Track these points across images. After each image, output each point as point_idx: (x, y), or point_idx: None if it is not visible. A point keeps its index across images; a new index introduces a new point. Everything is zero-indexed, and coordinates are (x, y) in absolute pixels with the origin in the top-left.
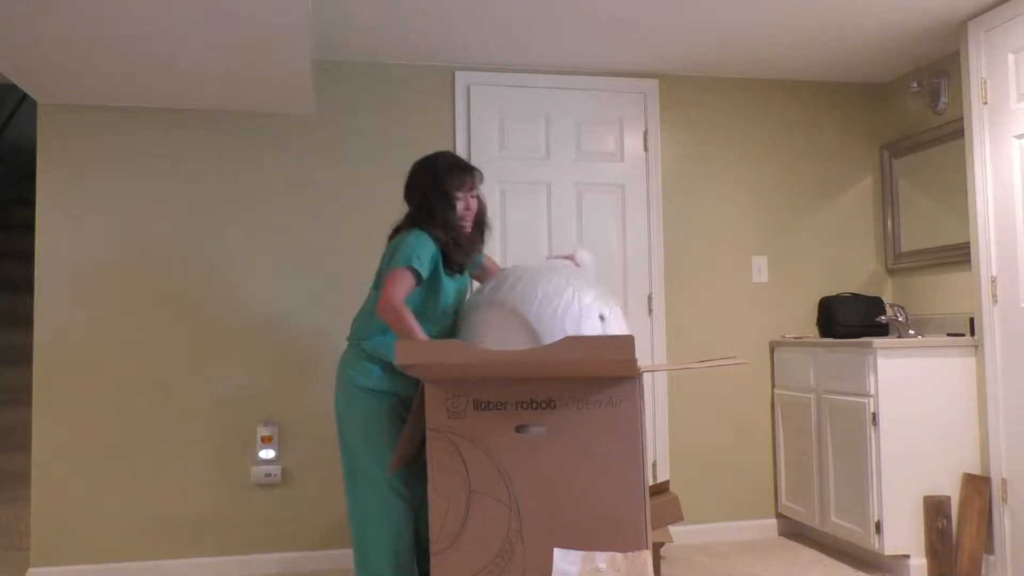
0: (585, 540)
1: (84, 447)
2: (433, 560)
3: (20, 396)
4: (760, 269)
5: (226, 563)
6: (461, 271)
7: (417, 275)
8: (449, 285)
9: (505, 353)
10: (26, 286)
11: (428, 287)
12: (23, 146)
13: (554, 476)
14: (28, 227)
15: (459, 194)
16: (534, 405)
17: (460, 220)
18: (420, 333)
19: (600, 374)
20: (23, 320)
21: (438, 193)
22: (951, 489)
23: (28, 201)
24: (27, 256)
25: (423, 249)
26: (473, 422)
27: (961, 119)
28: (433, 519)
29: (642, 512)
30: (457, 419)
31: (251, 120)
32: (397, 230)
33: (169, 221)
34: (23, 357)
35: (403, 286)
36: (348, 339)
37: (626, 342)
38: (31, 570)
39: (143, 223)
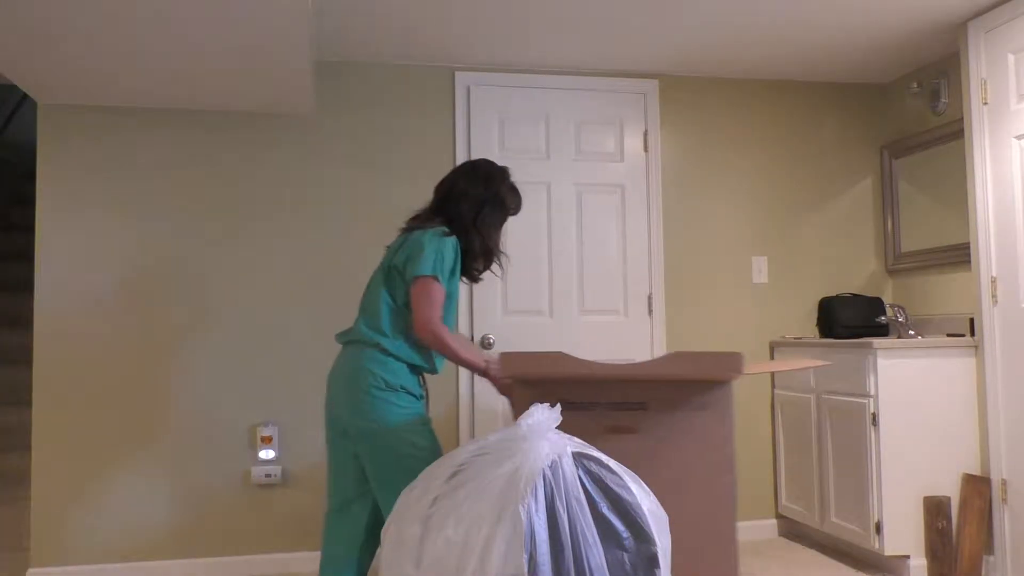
0: (675, 543)
1: (84, 447)
2: None
3: (20, 396)
4: (760, 269)
5: (226, 563)
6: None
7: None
8: (457, 293)
9: (610, 367)
10: (26, 286)
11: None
12: (23, 146)
13: (643, 477)
14: (28, 227)
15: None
16: (625, 407)
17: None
18: (468, 352)
19: (695, 378)
20: (23, 320)
21: (499, 209)
22: (951, 489)
23: (28, 201)
24: (27, 256)
25: (453, 260)
26: (563, 422)
27: (961, 119)
28: None
29: (732, 516)
30: None
31: (251, 120)
32: (417, 219)
33: (169, 221)
34: (23, 357)
35: (437, 302)
36: (359, 340)
37: (736, 359)
38: (31, 570)
39: (143, 223)
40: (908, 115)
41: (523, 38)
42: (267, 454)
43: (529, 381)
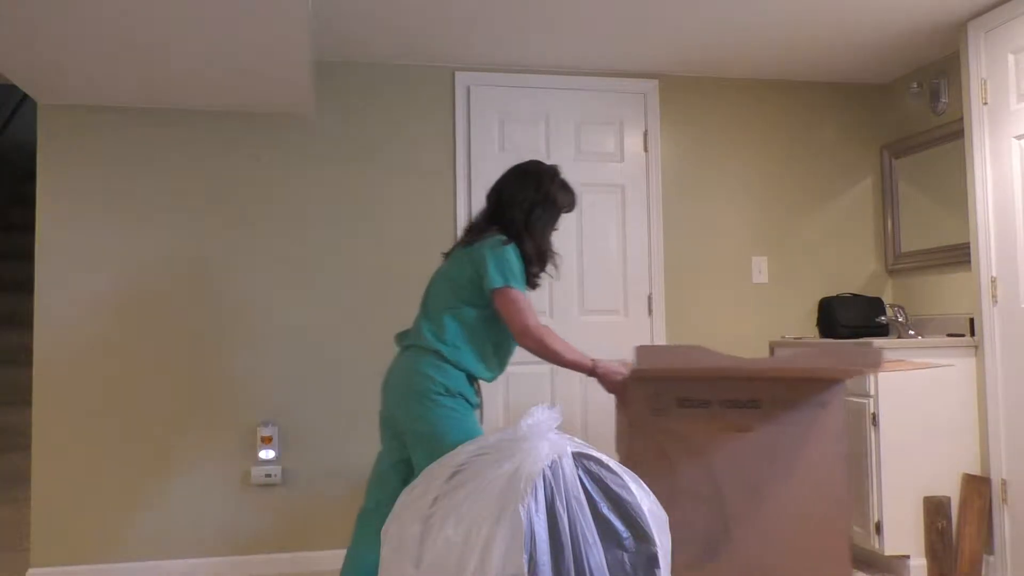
0: (791, 540)
1: (84, 447)
2: None
3: (20, 396)
4: (760, 269)
5: (226, 563)
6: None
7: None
8: None
9: (750, 360)
10: (26, 286)
11: None
12: (23, 146)
13: (760, 475)
14: (28, 227)
15: (562, 214)
16: (739, 404)
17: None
18: (573, 352)
19: (812, 376)
20: (23, 320)
21: (551, 210)
22: (951, 490)
23: (28, 201)
24: (27, 256)
25: (518, 263)
26: (677, 420)
27: (961, 119)
28: None
29: (846, 513)
30: (661, 416)
31: (251, 120)
32: (473, 231)
33: (168, 221)
34: (23, 357)
35: (525, 307)
36: (418, 345)
37: (875, 354)
38: (31, 570)
39: (143, 223)
40: (908, 115)
41: (523, 38)
42: (267, 454)
43: (643, 379)
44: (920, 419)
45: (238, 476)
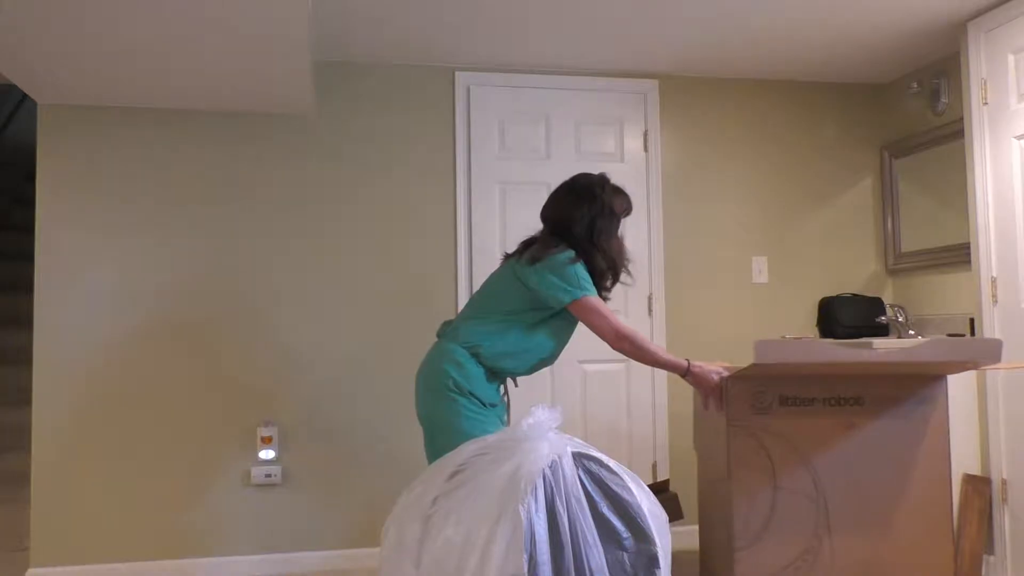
0: (894, 538)
1: (84, 447)
2: (736, 556)
3: (20, 396)
4: (760, 269)
5: (226, 563)
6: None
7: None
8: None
9: (869, 352)
10: (26, 286)
11: (569, 317)
12: (23, 146)
13: (863, 472)
14: (28, 227)
15: (622, 219)
16: (843, 402)
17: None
18: (666, 352)
19: (916, 371)
20: (23, 320)
21: (609, 219)
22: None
23: (28, 201)
24: (27, 256)
25: (585, 271)
26: (779, 417)
27: (961, 119)
28: (735, 516)
29: (950, 510)
30: (762, 414)
31: (251, 120)
32: (533, 244)
33: (168, 221)
34: (23, 357)
35: (605, 312)
36: (449, 335)
37: (995, 346)
38: (31, 570)
39: (142, 223)
40: (908, 115)
41: (523, 38)
42: (267, 454)
43: (744, 377)
44: None
45: (238, 476)
